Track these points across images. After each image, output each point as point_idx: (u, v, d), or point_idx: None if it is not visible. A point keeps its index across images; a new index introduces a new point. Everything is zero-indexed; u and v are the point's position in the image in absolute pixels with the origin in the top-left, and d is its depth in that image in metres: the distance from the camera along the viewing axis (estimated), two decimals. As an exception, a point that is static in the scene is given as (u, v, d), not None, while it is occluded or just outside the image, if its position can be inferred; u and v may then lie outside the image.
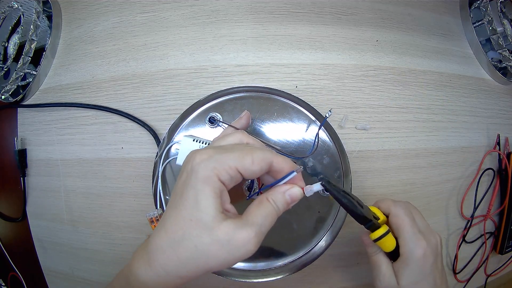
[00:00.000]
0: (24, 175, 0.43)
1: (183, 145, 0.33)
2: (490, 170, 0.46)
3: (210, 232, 0.20)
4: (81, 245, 0.42)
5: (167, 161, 0.36)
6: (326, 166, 0.37)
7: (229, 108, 0.37)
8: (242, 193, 0.32)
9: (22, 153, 0.43)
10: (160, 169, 0.36)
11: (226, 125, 0.33)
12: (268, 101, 0.37)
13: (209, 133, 0.36)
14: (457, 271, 0.45)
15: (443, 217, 0.44)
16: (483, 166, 0.45)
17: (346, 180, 0.37)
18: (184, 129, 0.37)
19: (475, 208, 0.44)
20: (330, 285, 0.42)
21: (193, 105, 0.37)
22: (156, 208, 0.36)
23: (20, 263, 0.46)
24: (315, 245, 0.37)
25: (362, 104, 0.42)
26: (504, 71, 0.47)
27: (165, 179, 0.36)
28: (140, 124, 0.40)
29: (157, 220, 0.35)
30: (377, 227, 0.28)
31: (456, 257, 0.45)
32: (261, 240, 0.21)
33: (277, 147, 0.35)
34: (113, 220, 0.41)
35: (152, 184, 0.37)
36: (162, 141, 0.37)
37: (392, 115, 0.42)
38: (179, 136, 0.37)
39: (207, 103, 0.37)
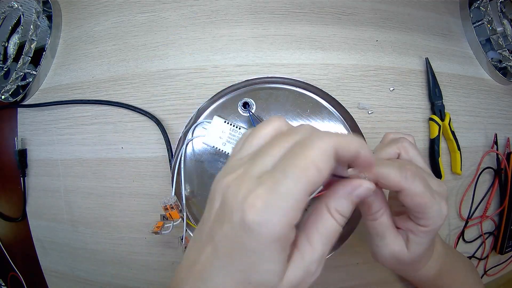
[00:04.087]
0: (24, 175, 0.43)
1: (213, 125, 0.33)
2: (491, 170, 0.46)
3: None
4: (81, 245, 0.42)
5: (191, 139, 0.35)
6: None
7: (263, 97, 0.36)
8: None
9: (23, 153, 0.43)
10: (184, 149, 0.35)
11: (256, 117, 0.32)
12: (302, 96, 0.37)
13: (239, 118, 0.36)
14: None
15: (443, 217, 0.44)
16: (482, 166, 0.45)
17: None
18: (214, 111, 0.36)
19: (474, 208, 0.44)
20: (329, 285, 0.41)
21: (225, 89, 0.36)
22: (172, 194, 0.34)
23: (20, 263, 0.46)
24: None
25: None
26: (504, 71, 0.47)
27: (185, 160, 0.36)
28: (142, 113, 0.40)
29: (172, 207, 0.32)
30: None
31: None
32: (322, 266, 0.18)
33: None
34: (113, 220, 0.41)
35: (171, 166, 0.35)
36: (189, 120, 0.36)
37: (392, 115, 0.42)
38: (207, 117, 0.36)
39: (240, 88, 0.36)
